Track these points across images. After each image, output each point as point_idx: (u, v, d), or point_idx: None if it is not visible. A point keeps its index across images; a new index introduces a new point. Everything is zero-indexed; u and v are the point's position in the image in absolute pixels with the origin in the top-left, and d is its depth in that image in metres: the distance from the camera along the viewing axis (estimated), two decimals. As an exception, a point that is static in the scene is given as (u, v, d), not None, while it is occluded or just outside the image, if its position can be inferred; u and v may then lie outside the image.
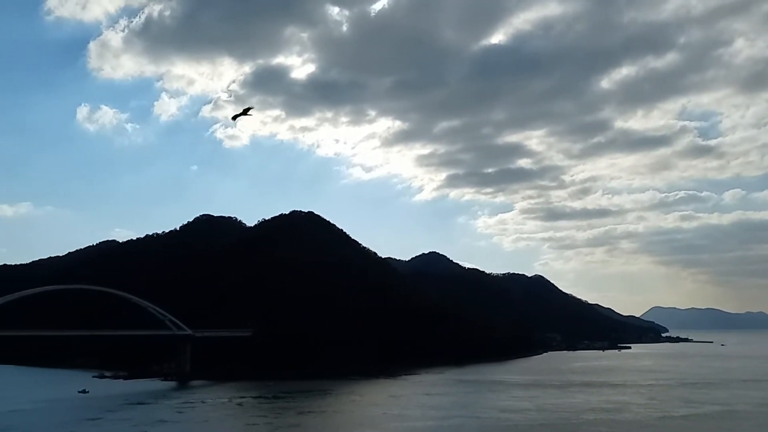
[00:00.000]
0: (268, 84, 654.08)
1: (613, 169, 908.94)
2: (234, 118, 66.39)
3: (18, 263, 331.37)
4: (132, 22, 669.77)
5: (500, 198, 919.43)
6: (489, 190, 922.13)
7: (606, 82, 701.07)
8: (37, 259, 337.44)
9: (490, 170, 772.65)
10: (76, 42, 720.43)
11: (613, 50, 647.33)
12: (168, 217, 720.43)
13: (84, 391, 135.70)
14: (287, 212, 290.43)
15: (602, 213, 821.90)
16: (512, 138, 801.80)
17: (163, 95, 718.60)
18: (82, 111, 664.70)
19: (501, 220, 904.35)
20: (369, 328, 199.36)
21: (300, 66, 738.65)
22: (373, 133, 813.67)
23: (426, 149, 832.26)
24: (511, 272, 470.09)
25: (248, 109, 65.81)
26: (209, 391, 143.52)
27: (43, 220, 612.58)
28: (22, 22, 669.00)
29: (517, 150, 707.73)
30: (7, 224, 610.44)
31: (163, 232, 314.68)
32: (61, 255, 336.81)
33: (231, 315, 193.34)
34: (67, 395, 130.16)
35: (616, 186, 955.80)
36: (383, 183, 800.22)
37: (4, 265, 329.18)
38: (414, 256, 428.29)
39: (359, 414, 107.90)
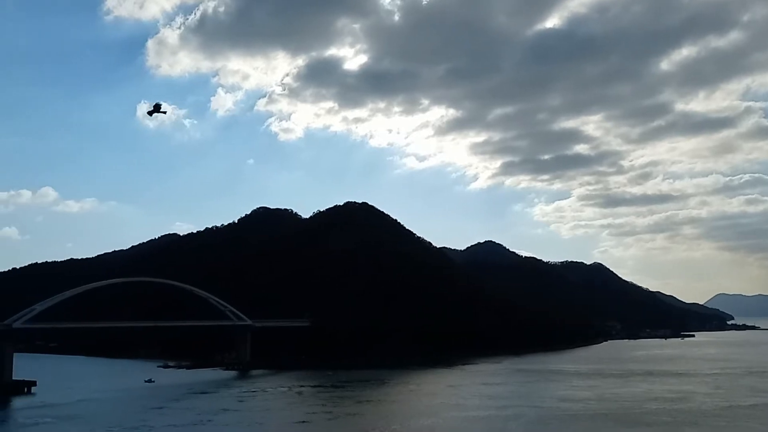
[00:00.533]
0: (321, 76, 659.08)
1: (674, 153, 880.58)
2: (149, 113, 73.27)
3: (84, 257, 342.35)
4: (188, 19, 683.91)
5: (557, 185, 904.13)
6: (545, 177, 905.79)
7: (665, 64, 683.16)
8: (102, 253, 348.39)
9: (546, 157, 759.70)
10: (135, 40, 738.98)
11: (673, 31, 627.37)
12: (226, 210, 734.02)
13: (150, 381, 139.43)
14: (342, 203, 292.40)
15: (663, 198, 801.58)
16: (568, 123, 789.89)
17: (220, 90, 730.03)
18: (142, 108, 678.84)
19: (558, 208, 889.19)
20: (425, 318, 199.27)
21: (352, 57, 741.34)
22: (427, 122, 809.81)
23: (480, 137, 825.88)
24: (570, 260, 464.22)
25: (159, 105, 71.54)
26: (269, 380, 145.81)
27: (108, 215, 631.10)
28: (83, 22, 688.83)
29: (574, 136, 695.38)
30: (73, 220, 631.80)
31: (222, 224, 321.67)
32: (124, 249, 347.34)
33: (289, 305, 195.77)
34: (133, 385, 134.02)
35: (677, 170, 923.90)
36: (437, 172, 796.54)
37: (71, 259, 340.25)
38: (470, 245, 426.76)
39: (417, 403, 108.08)
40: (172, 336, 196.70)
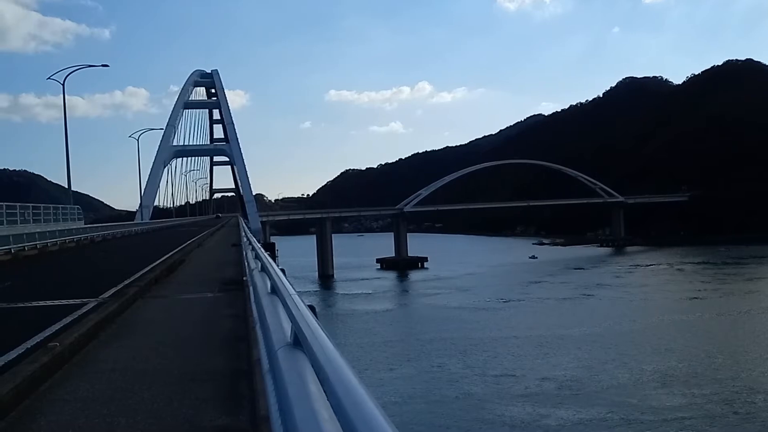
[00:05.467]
0: None
1: None
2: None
3: (458, 144, 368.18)
4: None
5: None
6: None
7: None
8: (473, 138, 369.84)
9: None
10: None
11: None
12: (591, 84, 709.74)
13: (533, 257, 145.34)
14: (720, 63, 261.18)
15: None
16: None
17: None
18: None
19: None
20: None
21: None
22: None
23: None
24: None
25: None
26: (646, 256, 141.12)
27: (477, 102, 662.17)
28: None
29: None
30: (447, 110, 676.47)
31: (587, 100, 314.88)
32: (493, 133, 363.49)
33: (662, 180, 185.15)
34: (513, 260, 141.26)
35: None
36: None
37: (447, 147, 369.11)
38: None
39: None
40: (545, 214, 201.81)
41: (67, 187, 49.78)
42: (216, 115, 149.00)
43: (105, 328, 9.47)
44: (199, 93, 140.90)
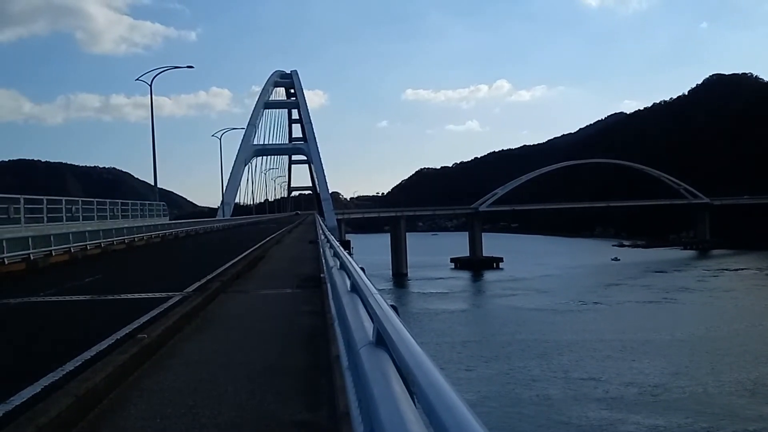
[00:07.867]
0: None
1: None
2: None
3: (536, 143, 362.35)
4: None
5: None
6: None
7: None
8: (552, 137, 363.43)
9: None
10: None
11: None
12: (675, 82, 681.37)
13: (616, 259, 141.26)
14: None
15: None
16: None
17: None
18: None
19: None
20: None
21: None
22: None
23: None
24: None
25: None
26: (732, 260, 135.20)
27: (556, 100, 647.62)
28: None
29: None
30: (525, 108, 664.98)
31: (671, 98, 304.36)
32: (572, 132, 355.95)
33: (750, 181, 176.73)
34: (594, 262, 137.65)
35: None
36: None
37: (524, 145, 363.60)
38: None
39: None
40: (625, 215, 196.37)
41: (153, 184, 51.45)
42: (295, 114, 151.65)
43: (189, 321, 9.79)
44: (279, 93, 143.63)
